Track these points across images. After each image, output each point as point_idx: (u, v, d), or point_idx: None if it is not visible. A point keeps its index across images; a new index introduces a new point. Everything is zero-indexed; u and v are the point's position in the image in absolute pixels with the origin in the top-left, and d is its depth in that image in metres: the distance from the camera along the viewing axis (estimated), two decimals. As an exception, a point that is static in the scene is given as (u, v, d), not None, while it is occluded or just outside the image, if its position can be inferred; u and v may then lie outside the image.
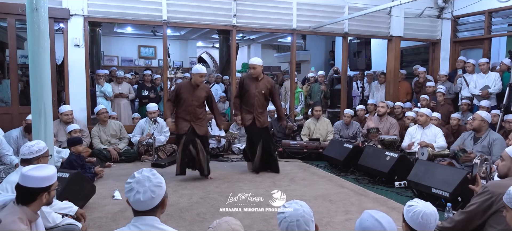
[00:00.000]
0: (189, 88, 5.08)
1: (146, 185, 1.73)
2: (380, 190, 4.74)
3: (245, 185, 4.89)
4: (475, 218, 2.49)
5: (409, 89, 7.99)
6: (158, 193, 1.75)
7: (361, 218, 1.72)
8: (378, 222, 1.65)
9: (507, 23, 7.30)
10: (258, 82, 5.33)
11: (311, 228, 1.77)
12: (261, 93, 5.32)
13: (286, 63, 12.76)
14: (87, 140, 6.20)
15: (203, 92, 5.13)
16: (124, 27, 11.32)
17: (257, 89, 5.30)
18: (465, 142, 5.01)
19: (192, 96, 5.02)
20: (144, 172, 1.78)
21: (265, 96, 5.37)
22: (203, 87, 5.19)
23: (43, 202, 2.16)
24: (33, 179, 2.10)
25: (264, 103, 5.40)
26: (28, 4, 3.02)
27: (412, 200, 1.95)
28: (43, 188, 2.13)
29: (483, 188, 2.54)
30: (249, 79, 5.38)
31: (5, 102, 6.68)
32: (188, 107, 5.02)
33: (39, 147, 2.79)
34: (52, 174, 2.19)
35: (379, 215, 1.69)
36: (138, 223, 1.74)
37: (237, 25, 7.12)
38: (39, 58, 3.07)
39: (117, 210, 3.91)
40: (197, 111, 5.04)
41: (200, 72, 5.07)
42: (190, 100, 5.01)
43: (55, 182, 2.22)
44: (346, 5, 7.61)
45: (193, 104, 5.02)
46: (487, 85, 6.37)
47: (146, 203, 1.73)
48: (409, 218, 1.86)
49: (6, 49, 8.29)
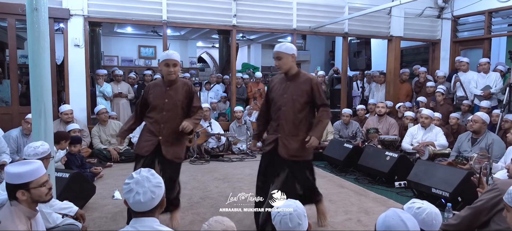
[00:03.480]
0: (160, 87, 3.45)
1: (146, 185, 1.71)
2: (380, 190, 4.74)
3: (245, 185, 4.88)
4: (482, 214, 2.49)
5: (410, 91, 7.98)
6: (158, 193, 1.74)
7: (386, 214, 1.65)
8: (404, 223, 1.60)
9: (507, 23, 7.30)
10: (288, 82, 3.33)
11: (304, 223, 1.81)
12: (292, 100, 3.27)
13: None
14: (87, 140, 6.20)
15: (180, 92, 3.40)
16: (124, 27, 11.32)
17: (285, 94, 3.31)
18: (462, 145, 5.03)
19: (163, 99, 3.38)
20: (142, 173, 1.76)
21: (301, 106, 3.26)
22: (180, 84, 3.43)
23: (23, 199, 2.05)
24: (7, 175, 2.06)
25: (297, 117, 3.26)
26: (28, 4, 3.02)
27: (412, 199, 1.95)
28: (17, 184, 2.03)
29: (492, 185, 2.56)
30: (278, 79, 3.46)
31: (5, 102, 6.68)
32: (157, 115, 3.38)
33: (44, 148, 2.78)
34: (25, 170, 2.05)
35: (406, 216, 1.63)
36: (137, 225, 1.72)
37: (237, 25, 7.12)
38: (39, 58, 3.06)
39: (117, 210, 3.91)
40: (169, 122, 3.36)
41: (164, 59, 3.34)
42: (161, 104, 3.38)
43: (35, 180, 2.07)
44: (346, 5, 7.61)
45: (164, 110, 3.37)
46: (488, 85, 6.37)
47: (147, 204, 1.71)
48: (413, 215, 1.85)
49: (6, 49, 8.30)
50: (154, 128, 3.36)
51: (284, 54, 3.26)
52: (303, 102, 3.26)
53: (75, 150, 4.86)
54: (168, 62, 3.30)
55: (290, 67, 3.30)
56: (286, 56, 3.26)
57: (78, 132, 5.54)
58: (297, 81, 3.29)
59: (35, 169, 2.08)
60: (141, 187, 1.71)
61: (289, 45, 3.32)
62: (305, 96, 3.25)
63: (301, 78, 3.30)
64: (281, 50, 3.26)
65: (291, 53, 3.27)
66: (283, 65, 3.28)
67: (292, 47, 3.31)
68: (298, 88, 3.27)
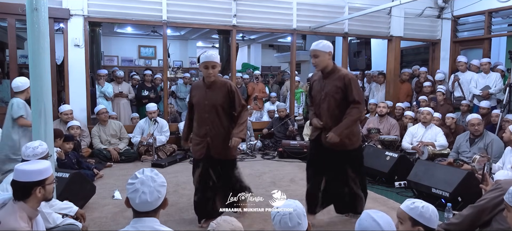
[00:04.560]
0: (201, 89, 3.53)
1: (152, 185, 1.73)
2: (380, 190, 4.74)
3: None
4: (484, 213, 2.49)
5: (410, 91, 7.98)
6: (163, 193, 1.78)
7: (360, 218, 1.74)
8: (376, 223, 1.67)
9: (507, 23, 7.30)
10: (324, 80, 3.44)
11: (304, 223, 1.82)
12: (329, 97, 3.39)
13: (286, 63, 12.76)
14: (87, 140, 6.20)
15: (220, 93, 3.43)
16: (124, 27, 11.32)
17: (323, 91, 3.44)
18: (461, 146, 5.04)
19: (204, 101, 3.46)
20: (146, 172, 1.78)
21: (337, 102, 3.36)
22: (220, 85, 3.47)
23: (38, 197, 2.14)
24: (25, 173, 2.10)
25: (335, 113, 3.37)
26: (28, 4, 3.02)
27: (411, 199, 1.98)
28: (36, 181, 2.12)
29: (496, 184, 2.55)
30: (317, 76, 3.58)
31: (5, 102, 6.68)
32: (200, 117, 3.48)
33: (43, 149, 2.78)
34: (44, 167, 2.18)
35: (378, 215, 1.70)
36: (138, 225, 1.73)
37: (237, 25, 7.11)
38: (39, 58, 3.07)
39: (117, 210, 3.91)
40: (213, 124, 3.43)
41: (203, 62, 3.40)
42: (202, 106, 3.46)
43: (49, 177, 2.20)
44: (346, 5, 7.61)
45: (206, 112, 3.44)
46: (487, 85, 6.38)
47: (153, 203, 1.74)
48: (419, 214, 1.88)
49: (6, 49, 8.29)
50: (200, 130, 3.46)
51: (321, 52, 3.33)
52: (339, 99, 3.35)
53: (67, 146, 4.88)
54: (207, 64, 3.35)
55: (327, 65, 3.37)
56: (323, 54, 3.33)
57: (75, 129, 5.55)
58: (332, 77, 3.38)
59: (49, 166, 2.23)
60: (147, 187, 1.72)
61: (326, 43, 3.37)
62: (339, 92, 3.34)
63: (336, 74, 3.38)
64: (318, 48, 3.34)
65: (328, 51, 3.35)
66: (320, 63, 3.36)
67: (329, 45, 3.37)
68: (333, 85, 3.36)
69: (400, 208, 1.97)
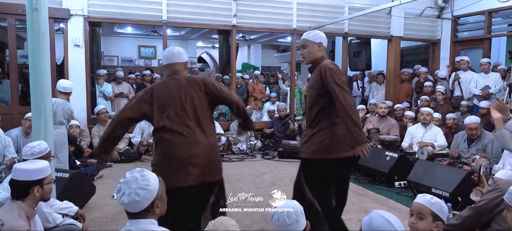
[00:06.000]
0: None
1: (132, 186, 1.62)
2: (380, 190, 4.74)
3: (245, 185, 4.88)
4: (483, 214, 2.48)
5: (410, 91, 7.98)
6: (143, 196, 1.62)
7: (370, 217, 1.67)
8: (389, 222, 1.62)
9: (507, 23, 7.31)
10: (311, 76, 2.92)
11: (302, 221, 1.84)
12: (309, 93, 2.91)
13: (286, 63, 12.77)
14: (87, 140, 6.20)
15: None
16: (124, 27, 11.32)
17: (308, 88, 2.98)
18: (459, 145, 5.05)
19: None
20: (134, 173, 1.67)
21: (312, 99, 2.80)
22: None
23: (36, 196, 2.13)
24: (23, 172, 2.11)
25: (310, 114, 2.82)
26: (28, 4, 3.02)
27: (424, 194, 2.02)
28: (34, 181, 2.11)
29: (495, 185, 2.55)
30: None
31: (5, 102, 6.68)
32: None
33: (40, 148, 2.76)
34: (42, 167, 2.17)
35: (389, 215, 1.66)
36: (133, 227, 1.65)
37: (237, 25, 7.12)
38: (39, 58, 3.06)
39: (117, 210, 3.91)
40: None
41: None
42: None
43: (47, 176, 2.19)
44: (346, 5, 7.61)
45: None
46: (487, 85, 6.37)
47: (130, 205, 1.62)
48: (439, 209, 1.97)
49: (6, 49, 8.29)
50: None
51: (309, 42, 2.81)
52: (314, 94, 2.76)
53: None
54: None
55: (315, 58, 2.81)
56: (312, 44, 2.80)
57: (74, 128, 5.56)
58: (315, 72, 2.80)
59: (47, 166, 2.23)
60: (128, 188, 1.63)
61: (317, 32, 2.85)
62: (315, 87, 2.75)
63: (317, 68, 2.76)
64: (307, 37, 2.82)
65: (317, 42, 2.79)
66: (307, 55, 2.83)
67: (320, 35, 2.83)
68: (312, 79, 2.83)
69: (420, 203, 1.96)
